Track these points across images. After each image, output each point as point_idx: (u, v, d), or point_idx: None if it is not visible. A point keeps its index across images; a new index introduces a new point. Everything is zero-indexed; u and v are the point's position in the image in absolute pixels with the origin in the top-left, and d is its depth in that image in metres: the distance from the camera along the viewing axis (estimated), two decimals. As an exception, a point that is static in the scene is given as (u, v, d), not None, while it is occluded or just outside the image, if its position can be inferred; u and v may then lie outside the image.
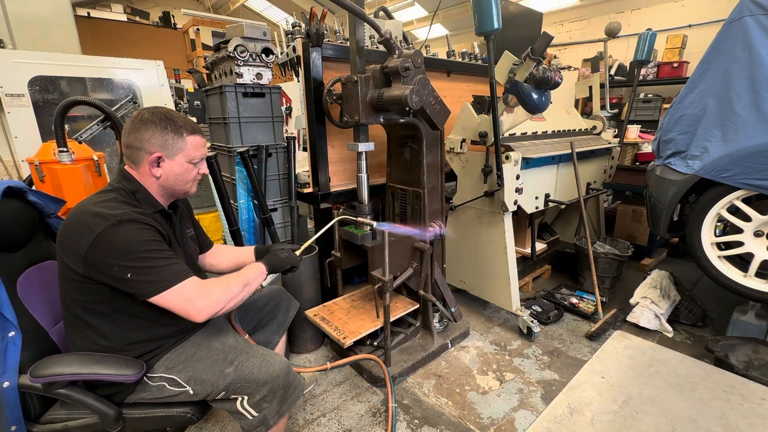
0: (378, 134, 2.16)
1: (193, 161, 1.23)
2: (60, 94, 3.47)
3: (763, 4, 1.81)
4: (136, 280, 1.05)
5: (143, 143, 1.15)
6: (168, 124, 1.17)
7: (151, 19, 8.55)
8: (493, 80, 1.96)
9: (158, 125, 1.16)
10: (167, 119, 1.17)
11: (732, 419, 1.04)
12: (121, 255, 1.04)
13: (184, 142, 1.19)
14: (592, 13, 6.94)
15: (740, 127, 1.86)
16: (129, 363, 1.09)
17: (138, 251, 1.05)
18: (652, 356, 1.34)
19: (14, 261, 1.21)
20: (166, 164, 1.19)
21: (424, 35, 6.35)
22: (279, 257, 1.37)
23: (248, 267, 1.30)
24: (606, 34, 3.07)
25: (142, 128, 1.15)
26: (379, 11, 2.79)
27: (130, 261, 1.04)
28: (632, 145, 3.36)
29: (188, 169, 1.23)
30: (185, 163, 1.22)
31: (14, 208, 1.22)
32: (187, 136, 1.20)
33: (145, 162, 1.17)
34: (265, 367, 1.19)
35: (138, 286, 1.06)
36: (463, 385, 2.04)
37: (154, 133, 1.15)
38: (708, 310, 2.61)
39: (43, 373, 1.03)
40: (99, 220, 1.05)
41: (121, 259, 1.04)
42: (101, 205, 1.10)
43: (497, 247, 2.43)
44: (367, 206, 1.97)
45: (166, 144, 1.17)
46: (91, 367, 1.06)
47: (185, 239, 1.38)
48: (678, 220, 2.30)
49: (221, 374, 1.16)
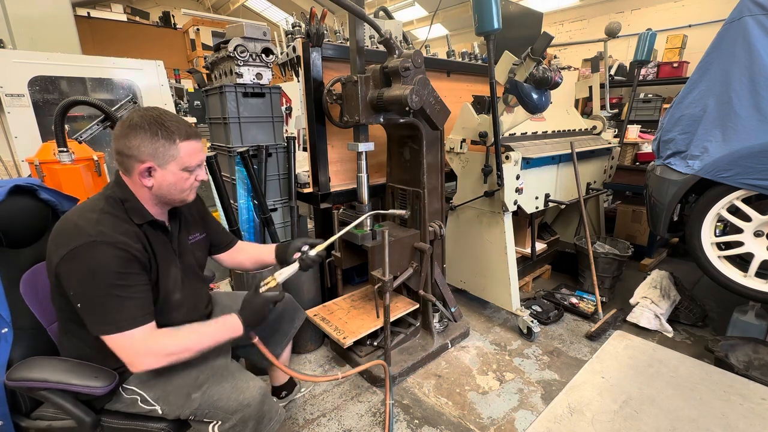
0: (378, 134, 2.16)
1: (189, 168, 1.13)
2: (60, 94, 3.48)
3: (763, 4, 1.81)
4: (84, 313, 1.01)
5: (132, 151, 1.06)
6: (159, 129, 1.06)
7: (151, 19, 8.54)
8: (493, 80, 1.96)
9: (148, 131, 1.06)
10: (158, 124, 1.07)
11: (732, 419, 1.04)
12: (80, 282, 0.99)
13: (177, 149, 1.09)
14: (592, 13, 6.94)
15: (740, 127, 1.85)
16: (100, 374, 1.07)
17: (98, 284, 0.99)
18: (652, 356, 1.34)
19: (21, 257, 1.23)
20: (158, 174, 1.10)
21: (424, 35, 6.34)
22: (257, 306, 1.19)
23: (219, 323, 1.16)
24: (606, 34, 3.07)
25: (131, 134, 1.06)
26: (379, 11, 2.79)
27: (86, 291, 0.99)
28: (632, 145, 3.36)
29: (183, 177, 1.14)
30: (179, 172, 1.12)
31: (23, 205, 1.23)
32: (180, 142, 1.09)
33: (136, 171, 1.09)
34: (235, 394, 1.11)
35: (86, 320, 1.02)
36: (463, 385, 2.04)
37: (144, 140, 1.06)
38: (708, 310, 2.61)
39: (16, 376, 1.03)
40: (75, 234, 1.00)
41: (78, 287, 1.00)
42: (84, 217, 1.05)
43: (497, 247, 2.43)
44: (367, 206, 1.97)
45: (157, 152, 1.07)
46: (61, 375, 1.05)
47: (185, 247, 1.31)
48: (678, 220, 2.30)
49: (187, 398, 1.11)
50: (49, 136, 2.87)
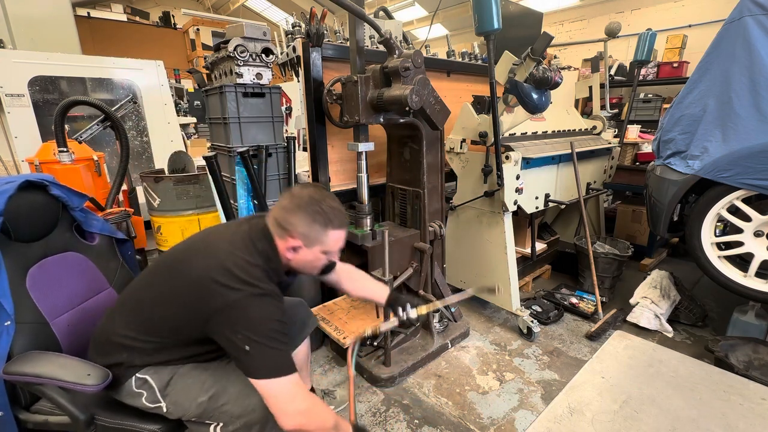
0: (378, 134, 2.16)
1: (329, 253, 1.21)
2: (60, 94, 3.48)
3: (763, 4, 1.81)
4: (252, 356, 1.02)
5: (288, 226, 1.14)
6: (319, 216, 1.14)
7: (151, 19, 8.55)
8: (493, 80, 1.96)
9: (309, 215, 1.13)
10: (320, 211, 1.14)
11: (732, 419, 1.04)
12: (251, 327, 1.03)
13: (327, 236, 1.17)
14: (592, 13, 6.94)
15: (740, 127, 1.85)
16: (93, 372, 1.07)
17: (269, 328, 1.04)
18: (652, 356, 1.34)
19: (30, 251, 1.25)
20: (301, 251, 1.17)
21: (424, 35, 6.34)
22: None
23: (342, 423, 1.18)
24: (606, 34, 3.07)
25: (294, 211, 1.14)
26: (379, 11, 2.79)
27: (257, 335, 1.02)
28: (632, 145, 3.36)
29: (320, 258, 1.21)
30: (319, 254, 1.19)
31: (33, 200, 1.25)
32: (331, 230, 1.17)
33: (284, 242, 1.16)
34: (241, 399, 1.13)
35: (248, 362, 1.03)
36: (463, 385, 2.04)
37: (302, 220, 1.13)
38: (708, 310, 2.61)
39: (12, 369, 1.04)
40: (236, 283, 1.04)
41: (249, 331, 1.02)
42: (241, 266, 1.08)
43: (497, 247, 2.43)
44: (367, 206, 1.97)
45: (309, 235, 1.15)
46: (54, 370, 1.05)
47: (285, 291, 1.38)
48: (678, 220, 2.30)
49: (194, 401, 1.13)
50: (49, 136, 2.87)
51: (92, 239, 1.48)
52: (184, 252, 1.20)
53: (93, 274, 1.43)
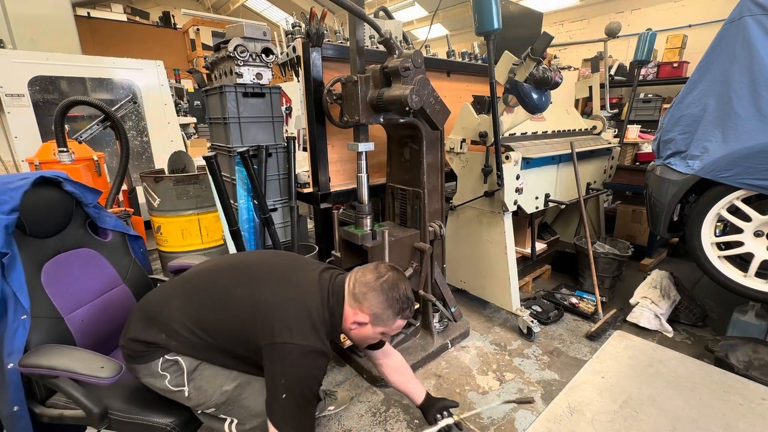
0: (378, 134, 2.16)
1: (385, 335, 1.27)
2: (60, 94, 3.48)
3: (763, 4, 1.81)
4: (283, 404, 1.05)
5: (364, 301, 1.19)
6: (396, 304, 1.20)
7: (151, 19, 8.55)
8: (493, 80, 1.96)
9: (388, 300, 1.19)
10: (398, 299, 1.20)
11: (732, 419, 1.04)
12: (296, 380, 1.06)
13: (394, 323, 1.23)
14: (592, 13, 6.94)
15: (740, 127, 1.85)
16: (106, 364, 1.08)
17: (309, 388, 1.08)
18: (652, 356, 1.34)
19: (45, 246, 1.26)
20: (365, 328, 1.22)
21: (424, 35, 6.35)
22: None
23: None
24: (606, 34, 3.07)
25: (376, 292, 1.19)
26: (379, 11, 2.79)
27: (297, 390, 1.06)
28: (632, 145, 3.36)
29: (377, 337, 1.26)
30: (378, 334, 1.25)
31: (48, 197, 1.27)
32: (400, 320, 1.23)
33: (354, 314, 1.20)
34: (262, 398, 1.13)
35: (277, 406, 1.05)
36: (463, 385, 2.04)
37: (380, 303, 1.18)
38: (708, 310, 2.61)
39: (27, 362, 1.05)
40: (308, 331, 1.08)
41: (293, 383, 1.05)
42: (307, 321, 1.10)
43: (497, 247, 2.43)
44: (367, 206, 1.97)
45: (380, 317, 1.20)
46: (68, 363, 1.06)
47: None
48: (678, 220, 2.30)
49: (219, 389, 1.15)
50: (49, 136, 2.87)
51: (105, 236, 1.49)
52: (260, 268, 1.23)
53: (106, 270, 1.44)
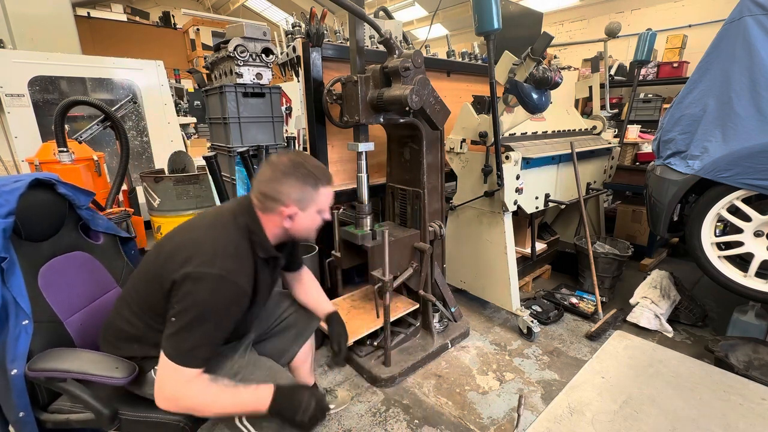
0: (378, 134, 2.16)
1: (322, 211, 1.22)
2: (60, 94, 3.48)
3: (763, 4, 1.81)
4: (171, 327, 1.02)
5: (280, 196, 1.13)
6: (309, 178, 1.15)
7: (151, 19, 8.55)
8: (493, 80, 1.96)
9: (299, 179, 1.14)
10: (308, 173, 1.15)
11: (732, 419, 1.04)
12: (190, 304, 1.01)
13: (319, 194, 1.18)
14: (592, 13, 6.94)
15: (740, 127, 1.86)
16: (120, 365, 1.08)
17: (199, 312, 1.01)
18: (652, 356, 1.34)
19: (40, 250, 1.24)
20: (298, 217, 1.17)
21: (424, 35, 6.34)
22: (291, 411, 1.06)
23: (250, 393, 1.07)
24: (606, 34, 3.07)
25: (282, 180, 1.13)
26: (379, 11, 2.79)
27: (186, 312, 1.01)
28: (632, 145, 3.36)
29: (316, 219, 1.22)
30: (314, 214, 1.20)
31: (43, 199, 1.25)
32: (321, 188, 1.18)
33: (278, 214, 1.15)
34: (269, 381, 1.12)
35: (167, 331, 1.03)
36: (463, 385, 2.04)
37: (293, 186, 1.13)
38: (708, 310, 2.61)
39: (38, 366, 1.04)
40: (210, 258, 1.03)
41: (187, 306, 1.01)
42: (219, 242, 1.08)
43: (497, 247, 2.43)
44: (367, 206, 1.97)
45: (304, 198, 1.15)
46: (82, 365, 1.06)
47: (275, 278, 1.38)
48: (678, 220, 2.30)
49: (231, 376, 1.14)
50: (49, 136, 2.87)
51: (97, 238, 1.48)
52: (171, 232, 1.21)
53: (100, 274, 1.43)
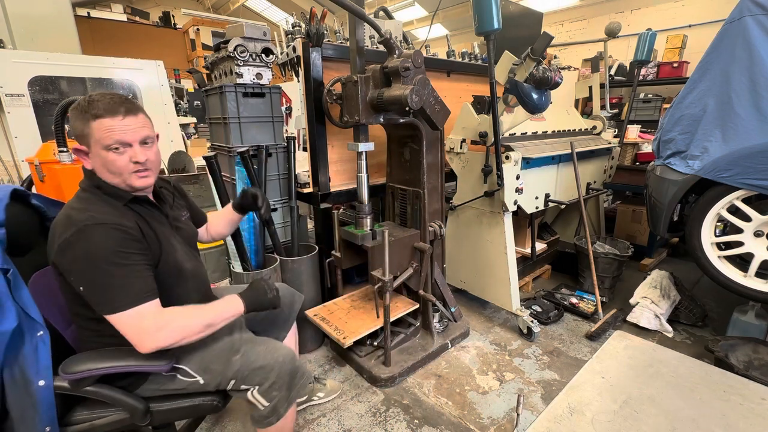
0: (378, 134, 2.16)
1: (111, 147, 1.05)
2: (60, 94, 3.47)
3: (763, 4, 1.81)
4: (90, 296, 1.00)
5: (71, 133, 1.08)
6: (77, 112, 1.04)
7: (151, 19, 8.55)
8: (493, 80, 1.96)
9: (73, 112, 1.05)
10: (78, 107, 1.05)
11: (732, 419, 1.04)
12: (80, 266, 0.99)
13: (90, 128, 1.04)
14: (592, 13, 6.93)
15: (740, 127, 1.85)
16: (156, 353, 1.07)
17: (97, 264, 0.98)
18: (652, 356, 1.34)
19: (22, 266, 1.17)
20: (91, 155, 1.08)
21: (424, 35, 6.34)
22: (261, 295, 1.23)
23: (222, 302, 1.18)
24: (606, 34, 3.07)
25: (70, 115, 1.07)
26: (379, 11, 2.79)
27: (86, 274, 0.99)
28: (632, 145, 3.36)
29: (109, 159, 1.06)
30: (102, 152, 1.05)
31: (20, 211, 1.20)
32: (94, 121, 1.03)
33: (80, 157, 1.10)
34: (270, 353, 1.20)
35: (92, 301, 1.01)
36: (463, 385, 2.04)
37: (72, 122, 1.06)
38: (708, 310, 2.61)
39: (75, 369, 1.03)
40: (68, 224, 1.00)
41: (78, 271, 0.99)
42: (73, 208, 1.05)
43: (497, 247, 2.43)
44: (367, 206, 1.97)
45: (81, 135, 1.06)
46: (121, 360, 1.06)
47: (180, 222, 1.34)
48: (678, 220, 2.30)
49: (228, 362, 1.17)
50: (49, 136, 2.87)
51: None
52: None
53: None
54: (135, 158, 1.08)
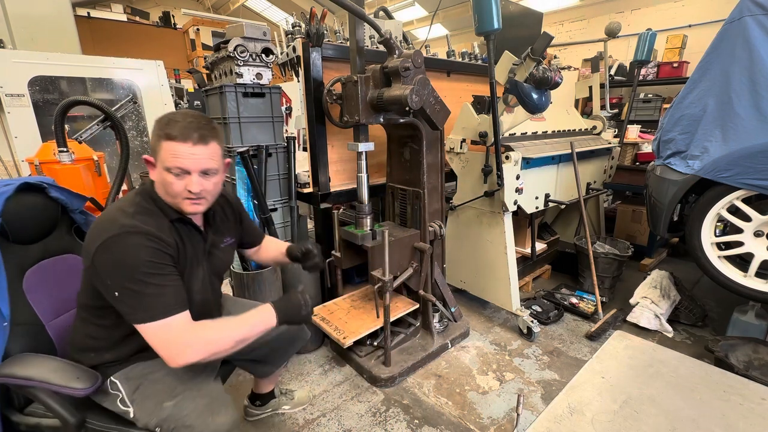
0: (378, 134, 2.16)
1: (171, 171, 1.06)
2: (60, 94, 3.47)
3: (763, 4, 1.81)
4: (122, 302, 1.01)
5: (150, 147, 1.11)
6: (158, 123, 1.07)
7: (151, 19, 8.54)
8: (493, 80, 1.96)
9: (155, 125, 1.08)
10: (161, 120, 1.07)
11: (732, 419, 1.04)
12: (115, 270, 0.99)
13: (161, 148, 1.06)
14: (592, 13, 6.93)
15: (740, 127, 1.85)
16: (82, 375, 1.06)
17: (132, 272, 0.99)
18: (652, 356, 1.34)
19: (28, 253, 1.25)
20: (156, 169, 1.10)
21: (424, 35, 6.34)
22: (295, 308, 1.18)
23: (255, 313, 1.14)
24: (606, 34, 3.07)
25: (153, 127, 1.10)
26: (379, 11, 2.79)
27: (121, 279, 0.99)
28: (632, 145, 3.36)
29: (168, 180, 1.07)
30: (163, 171, 1.07)
31: (32, 202, 1.26)
32: (164, 141, 1.05)
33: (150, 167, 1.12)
34: (205, 416, 1.05)
35: (122, 308, 1.02)
36: (463, 385, 2.04)
37: (152, 133, 1.09)
38: (708, 310, 2.61)
39: (3, 372, 1.04)
40: (111, 226, 1.02)
41: (114, 276, 1.00)
42: (121, 210, 1.07)
43: (497, 247, 2.43)
44: (367, 206, 1.97)
45: (153, 146, 1.09)
46: (44, 374, 1.04)
47: (216, 249, 1.31)
48: (678, 220, 2.30)
49: (158, 405, 1.08)
50: (49, 136, 2.87)
51: None
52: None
53: None
54: (189, 187, 1.08)
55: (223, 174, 1.19)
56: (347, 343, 1.90)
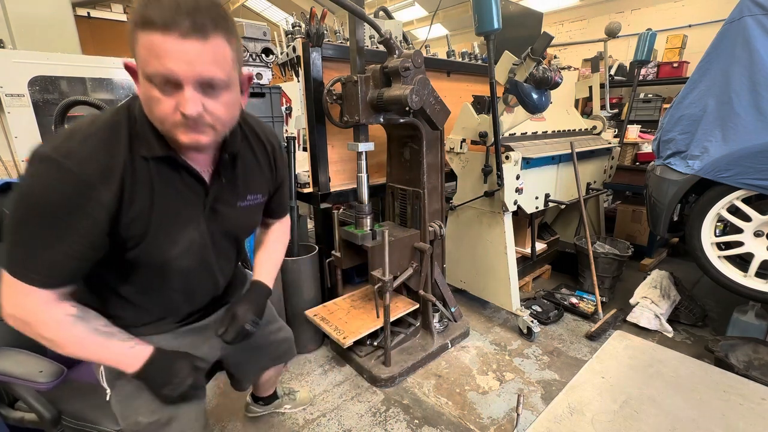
0: (378, 134, 2.16)
1: (153, 80, 0.71)
2: (60, 94, 3.47)
3: (763, 4, 1.81)
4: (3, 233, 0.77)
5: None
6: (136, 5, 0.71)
7: (151, 19, 8.53)
8: (493, 80, 1.96)
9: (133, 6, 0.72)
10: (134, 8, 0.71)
11: (732, 419, 1.04)
12: (15, 195, 0.73)
13: (137, 41, 0.70)
14: (592, 13, 6.93)
15: (740, 127, 1.86)
16: (47, 368, 1.02)
17: (26, 205, 0.73)
18: (652, 356, 1.34)
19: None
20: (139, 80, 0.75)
21: (424, 35, 6.33)
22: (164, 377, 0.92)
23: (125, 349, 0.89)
24: (606, 34, 3.07)
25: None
26: (379, 11, 2.79)
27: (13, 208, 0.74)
28: (632, 145, 3.36)
29: (152, 96, 0.72)
30: (145, 82, 0.73)
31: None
32: (140, 31, 0.68)
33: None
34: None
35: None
36: (463, 385, 2.04)
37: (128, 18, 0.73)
38: (708, 310, 2.61)
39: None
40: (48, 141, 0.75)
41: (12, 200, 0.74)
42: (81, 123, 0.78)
43: (497, 247, 2.43)
44: (367, 206, 1.97)
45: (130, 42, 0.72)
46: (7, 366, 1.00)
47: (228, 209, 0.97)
48: (678, 220, 2.30)
49: (133, 420, 0.97)
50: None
51: None
52: None
53: None
54: (182, 107, 0.71)
55: (239, 92, 0.82)
56: (347, 343, 1.90)
